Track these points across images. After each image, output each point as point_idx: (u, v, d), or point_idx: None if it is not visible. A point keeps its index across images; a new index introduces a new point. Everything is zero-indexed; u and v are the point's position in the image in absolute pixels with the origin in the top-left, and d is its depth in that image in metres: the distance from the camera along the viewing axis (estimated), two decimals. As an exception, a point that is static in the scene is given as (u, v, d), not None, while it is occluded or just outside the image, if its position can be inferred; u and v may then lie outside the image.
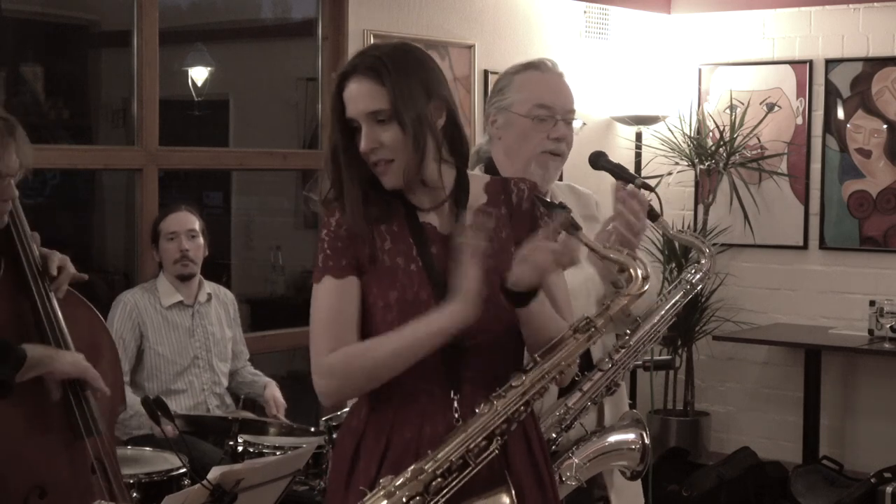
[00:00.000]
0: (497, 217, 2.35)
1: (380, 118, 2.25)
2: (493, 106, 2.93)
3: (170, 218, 4.56)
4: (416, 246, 2.30)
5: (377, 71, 2.25)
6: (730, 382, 6.78)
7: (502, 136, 2.90)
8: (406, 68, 2.27)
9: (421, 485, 2.15)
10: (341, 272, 2.29)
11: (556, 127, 2.86)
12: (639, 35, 6.67)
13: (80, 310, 3.07)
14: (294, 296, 6.31)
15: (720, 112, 6.65)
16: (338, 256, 2.29)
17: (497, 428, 2.19)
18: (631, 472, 2.87)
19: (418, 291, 2.26)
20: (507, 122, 2.89)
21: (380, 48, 2.32)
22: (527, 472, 2.31)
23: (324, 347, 2.27)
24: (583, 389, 2.77)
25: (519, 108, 2.87)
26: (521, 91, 2.88)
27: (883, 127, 6.28)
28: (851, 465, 6.10)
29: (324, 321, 2.29)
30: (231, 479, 2.68)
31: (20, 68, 5.34)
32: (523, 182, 2.43)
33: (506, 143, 2.89)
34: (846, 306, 6.33)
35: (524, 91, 2.88)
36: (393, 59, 2.27)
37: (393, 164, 2.27)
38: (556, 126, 2.86)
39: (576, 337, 2.25)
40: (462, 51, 5.83)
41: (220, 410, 4.50)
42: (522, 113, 2.86)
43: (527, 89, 2.88)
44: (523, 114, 2.85)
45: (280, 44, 6.66)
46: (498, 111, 2.91)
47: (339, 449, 2.37)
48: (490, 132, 2.93)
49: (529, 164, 2.85)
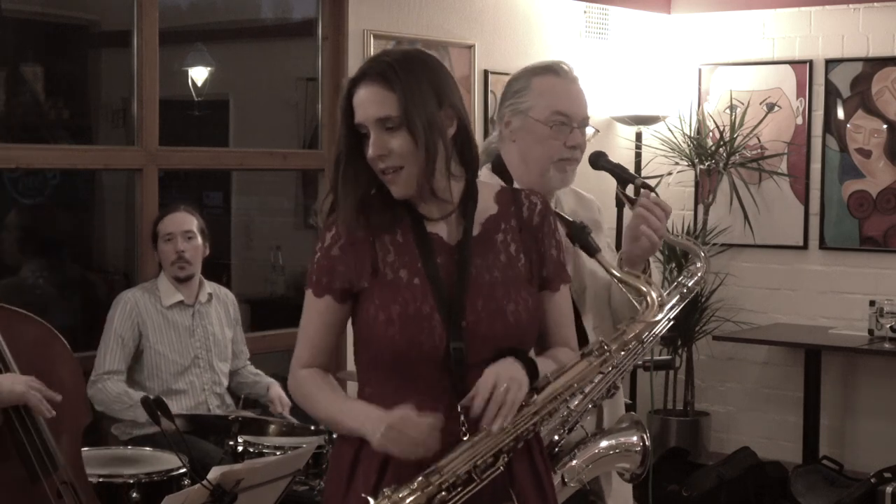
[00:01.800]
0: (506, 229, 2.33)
1: (389, 125, 2.22)
2: (508, 108, 2.90)
3: (167, 219, 4.56)
4: (422, 257, 2.27)
5: (387, 77, 2.22)
6: (730, 382, 6.78)
7: (517, 139, 2.88)
8: (417, 75, 2.24)
9: (425, 497, 2.14)
10: (321, 291, 2.30)
11: (573, 135, 2.85)
12: (639, 35, 6.67)
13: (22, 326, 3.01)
14: (294, 296, 6.31)
15: (720, 112, 6.65)
16: (321, 274, 2.30)
17: (505, 445, 2.19)
18: (630, 475, 2.87)
19: (421, 305, 2.23)
20: (523, 126, 2.86)
21: (391, 54, 2.30)
22: (529, 485, 2.30)
23: (298, 357, 2.36)
24: (585, 392, 2.77)
25: (537, 114, 2.84)
26: (541, 97, 2.85)
27: (883, 127, 6.28)
28: (851, 465, 6.10)
29: (301, 333, 2.36)
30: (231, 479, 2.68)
31: (20, 68, 5.33)
32: (535, 195, 2.41)
33: (521, 147, 2.87)
34: (846, 306, 6.33)
35: (544, 97, 2.85)
36: (404, 65, 2.24)
37: (402, 172, 2.24)
38: (573, 134, 2.85)
39: (589, 360, 2.25)
40: (462, 51, 5.83)
41: (220, 410, 4.50)
42: (541, 119, 2.83)
43: (546, 96, 2.85)
44: (542, 120, 2.83)
45: (280, 44, 6.66)
46: (514, 114, 2.88)
47: (339, 454, 2.35)
48: (504, 133, 2.91)
49: (547, 170, 2.85)
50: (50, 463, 2.87)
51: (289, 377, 2.38)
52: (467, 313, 2.24)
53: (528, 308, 2.29)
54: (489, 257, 2.30)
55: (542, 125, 2.83)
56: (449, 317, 2.23)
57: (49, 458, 2.87)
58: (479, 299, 2.24)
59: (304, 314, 2.35)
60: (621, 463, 2.85)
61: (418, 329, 2.22)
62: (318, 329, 2.33)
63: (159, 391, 4.32)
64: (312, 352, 2.34)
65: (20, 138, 5.09)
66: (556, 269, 2.36)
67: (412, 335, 2.22)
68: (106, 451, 4.05)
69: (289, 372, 2.38)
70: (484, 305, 2.24)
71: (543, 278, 2.35)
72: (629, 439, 2.84)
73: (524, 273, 2.32)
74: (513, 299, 2.27)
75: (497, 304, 2.25)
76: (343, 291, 2.29)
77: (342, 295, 2.29)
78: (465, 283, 2.24)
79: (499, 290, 2.27)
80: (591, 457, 2.78)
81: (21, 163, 4.62)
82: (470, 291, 2.25)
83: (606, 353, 2.25)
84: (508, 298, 2.27)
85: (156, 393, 4.21)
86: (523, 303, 2.28)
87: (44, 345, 3.06)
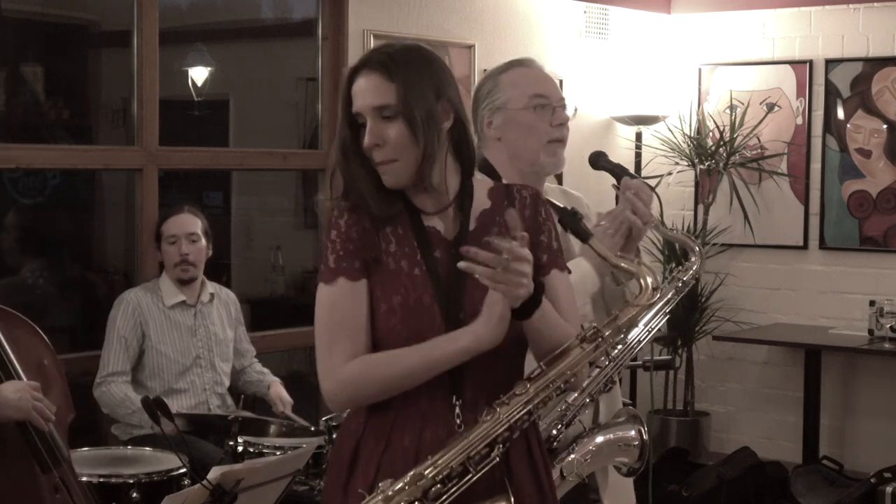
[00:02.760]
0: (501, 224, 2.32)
1: (386, 114, 2.23)
2: (485, 108, 2.93)
3: (171, 221, 4.56)
4: (420, 250, 2.28)
5: (386, 66, 2.24)
6: (730, 382, 6.78)
7: (503, 135, 2.90)
8: (416, 66, 2.25)
9: (420, 490, 2.13)
10: (355, 274, 2.26)
11: (556, 113, 2.89)
12: (639, 35, 6.67)
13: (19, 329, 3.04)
14: (294, 296, 6.31)
15: (720, 112, 6.65)
16: (351, 258, 2.26)
17: (499, 436, 2.17)
18: (628, 469, 2.88)
19: (422, 296, 2.24)
20: (506, 120, 2.89)
21: (392, 46, 2.31)
22: (527, 480, 2.29)
23: (339, 355, 2.24)
24: (583, 386, 2.78)
25: (517, 103, 2.88)
26: (514, 87, 2.90)
27: (883, 127, 6.28)
28: (851, 465, 6.10)
29: (338, 326, 2.25)
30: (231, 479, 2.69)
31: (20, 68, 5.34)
32: (526, 189, 2.41)
33: (509, 142, 2.89)
34: (846, 306, 6.33)
35: (517, 86, 2.89)
36: (403, 56, 2.26)
37: (396, 163, 2.25)
38: (556, 112, 2.89)
39: (582, 346, 2.23)
40: (462, 51, 5.83)
41: (220, 410, 4.50)
42: (521, 106, 2.87)
43: (519, 84, 2.90)
44: (522, 107, 2.87)
45: (280, 44, 6.66)
46: (493, 112, 2.90)
47: (338, 451, 2.35)
48: (487, 134, 2.92)
49: (538, 156, 2.87)
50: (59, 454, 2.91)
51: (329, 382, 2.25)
52: (465, 305, 2.25)
53: None
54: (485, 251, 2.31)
55: (524, 111, 2.87)
56: (447, 309, 2.24)
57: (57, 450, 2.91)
58: (477, 292, 2.24)
59: (331, 305, 2.26)
60: (619, 457, 2.86)
61: (419, 319, 2.23)
62: (358, 313, 2.25)
63: (161, 391, 4.32)
64: (355, 340, 2.24)
65: (20, 138, 5.09)
66: (547, 255, 2.35)
67: (412, 325, 2.23)
68: (106, 451, 4.06)
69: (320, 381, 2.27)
70: (481, 298, 2.24)
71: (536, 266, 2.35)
72: (627, 433, 2.85)
73: None
74: None
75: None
76: (367, 270, 2.27)
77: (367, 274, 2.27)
78: (463, 276, 2.24)
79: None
80: (589, 451, 2.78)
81: (21, 163, 4.62)
82: (467, 284, 2.25)
83: (599, 338, 2.24)
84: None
85: (157, 392, 4.21)
86: None
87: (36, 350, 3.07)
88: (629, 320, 2.30)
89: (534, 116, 2.87)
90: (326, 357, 2.25)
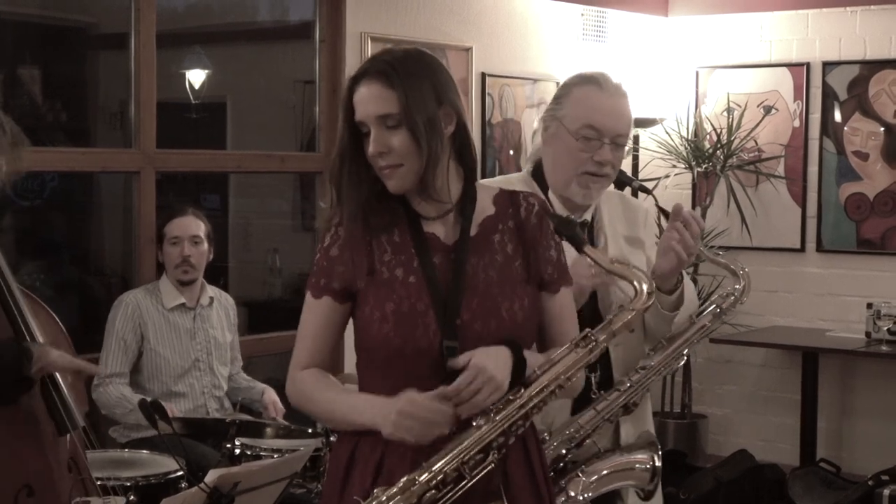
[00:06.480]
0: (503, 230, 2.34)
1: (389, 123, 2.23)
2: (548, 113, 2.91)
3: (175, 222, 4.56)
4: (418, 256, 2.27)
5: (387, 75, 2.23)
6: (727, 385, 6.78)
7: (550, 144, 2.89)
8: (417, 73, 2.25)
9: (414, 496, 2.13)
10: (319, 292, 2.31)
11: (602, 150, 2.83)
12: (636, 38, 6.67)
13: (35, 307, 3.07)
14: (291, 298, 6.31)
15: (717, 115, 6.65)
16: (319, 275, 2.31)
17: (493, 441, 2.17)
18: (644, 493, 2.86)
19: (415, 303, 2.24)
20: (556, 134, 2.87)
21: (392, 53, 2.30)
22: (525, 486, 2.29)
23: (297, 360, 2.35)
24: (597, 409, 2.76)
25: (569, 124, 2.84)
26: (576, 107, 2.85)
27: (880, 129, 6.28)
28: (849, 467, 6.10)
29: (300, 335, 2.36)
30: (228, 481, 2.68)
31: (18, 70, 5.34)
32: (532, 196, 2.41)
33: (552, 154, 2.89)
34: (843, 309, 6.33)
35: (578, 108, 2.85)
36: (404, 63, 2.25)
37: (401, 169, 2.25)
38: (602, 149, 2.83)
39: (576, 351, 2.24)
40: (459, 53, 5.83)
41: (219, 414, 4.49)
42: (571, 130, 2.83)
43: (581, 106, 2.85)
44: (571, 131, 2.83)
45: (277, 46, 6.67)
46: (551, 119, 2.88)
47: (335, 456, 2.36)
48: (543, 137, 2.91)
49: (570, 183, 2.84)
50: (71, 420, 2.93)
51: (287, 381, 2.37)
52: (462, 312, 2.24)
53: (524, 308, 2.29)
54: (486, 257, 2.30)
55: (571, 136, 2.83)
56: (443, 315, 2.23)
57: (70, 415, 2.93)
58: (475, 298, 2.25)
59: (303, 317, 2.35)
60: (629, 480, 2.82)
61: (412, 326, 2.22)
62: (316, 330, 2.33)
63: (159, 393, 4.32)
64: (311, 353, 2.34)
65: (18, 140, 5.09)
66: (556, 271, 2.36)
67: (406, 332, 2.22)
68: (103, 453, 4.04)
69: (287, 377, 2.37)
70: (479, 304, 2.24)
71: (543, 280, 2.34)
72: (639, 457, 2.82)
73: (521, 273, 2.32)
74: (508, 298, 2.27)
75: (492, 302, 2.25)
76: (342, 291, 2.29)
77: (341, 295, 2.29)
78: (461, 282, 2.24)
79: (494, 290, 2.27)
80: (599, 472, 2.75)
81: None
82: (465, 290, 2.25)
83: (592, 342, 2.24)
84: (504, 297, 2.27)
85: (156, 395, 4.21)
86: (519, 302, 2.28)
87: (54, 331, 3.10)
88: (624, 325, 2.29)
89: (577, 145, 2.83)
90: (292, 359, 2.36)
